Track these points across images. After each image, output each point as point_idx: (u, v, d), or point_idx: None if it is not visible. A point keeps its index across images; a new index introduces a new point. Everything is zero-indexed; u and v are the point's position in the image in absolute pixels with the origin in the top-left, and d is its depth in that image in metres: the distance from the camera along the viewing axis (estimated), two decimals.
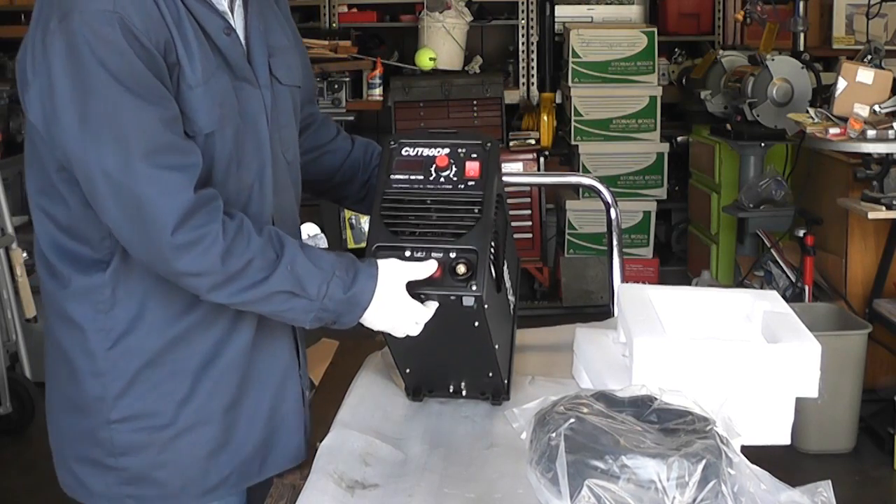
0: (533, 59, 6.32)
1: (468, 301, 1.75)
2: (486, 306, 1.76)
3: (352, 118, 5.72)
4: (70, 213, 1.68)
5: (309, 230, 6.23)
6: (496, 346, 1.87)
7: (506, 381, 1.99)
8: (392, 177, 1.85)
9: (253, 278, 1.62)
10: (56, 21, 1.57)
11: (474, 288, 1.74)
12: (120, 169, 1.56)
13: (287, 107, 1.84)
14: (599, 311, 5.33)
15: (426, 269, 1.74)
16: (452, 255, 1.76)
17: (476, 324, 1.79)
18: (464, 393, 2.02)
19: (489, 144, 1.87)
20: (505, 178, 2.30)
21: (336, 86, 5.76)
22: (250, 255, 1.62)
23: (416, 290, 1.74)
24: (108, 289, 1.69)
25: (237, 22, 1.75)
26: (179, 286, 1.65)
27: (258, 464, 1.82)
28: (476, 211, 1.79)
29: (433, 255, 1.76)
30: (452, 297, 1.75)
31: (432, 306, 1.76)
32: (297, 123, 1.89)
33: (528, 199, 5.79)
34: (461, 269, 1.75)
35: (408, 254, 1.76)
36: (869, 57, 4.18)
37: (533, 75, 6.32)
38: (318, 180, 2.09)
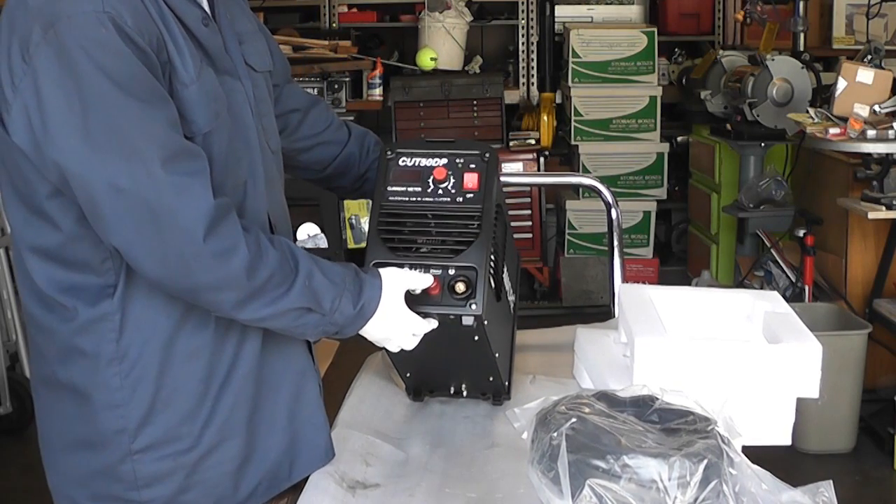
0: (533, 59, 6.32)
1: (468, 320, 1.74)
2: (485, 322, 1.75)
3: (352, 118, 5.71)
4: (61, 237, 1.58)
5: (309, 230, 6.25)
6: (496, 355, 1.87)
7: (506, 383, 1.99)
8: (389, 188, 1.82)
9: (274, 293, 1.57)
10: (40, 31, 1.46)
11: (474, 307, 1.73)
12: (135, 181, 1.47)
13: (264, 94, 1.78)
14: (599, 311, 5.33)
15: (424, 280, 1.73)
16: (451, 271, 1.75)
17: (476, 338, 1.79)
18: (465, 393, 2.02)
19: (487, 154, 1.84)
20: (505, 178, 2.30)
21: (336, 86, 5.76)
22: (271, 269, 1.56)
23: (416, 308, 1.73)
24: (118, 315, 1.60)
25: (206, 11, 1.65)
26: (198, 303, 1.58)
27: (287, 467, 1.75)
28: (475, 225, 1.77)
29: (431, 271, 1.74)
30: (452, 317, 1.74)
31: (431, 323, 1.74)
32: (272, 109, 1.82)
33: (528, 199, 5.79)
34: (460, 287, 1.73)
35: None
36: (869, 57, 4.17)
37: (533, 75, 6.32)
38: (309, 169, 2.05)
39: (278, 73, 1.91)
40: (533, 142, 5.87)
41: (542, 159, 5.86)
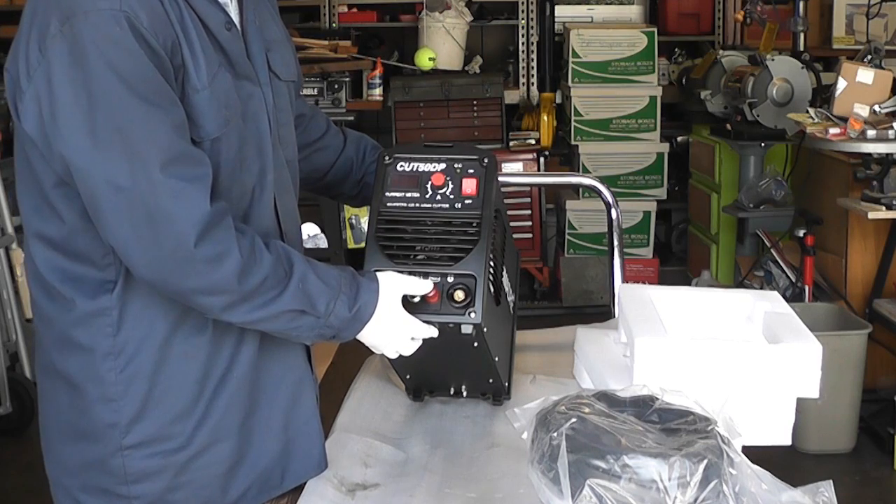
0: (533, 59, 6.31)
1: (466, 328, 1.74)
2: (485, 329, 1.75)
3: (352, 118, 5.72)
4: (65, 228, 1.60)
5: (309, 230, 6.24)
6: (496, 359, 1.86)
7: (506, 383, 1.99)
8: (387, 194, 1.82)
9: (266, 297, 1.57)
10: (57, 24, 1.49)
11: (472, 315, 1.72)
12: (134, 182, 1.48)
13: (285, 104, 1.78)
14: (599, 311, 5.33)
15: (423, 286, 1.72)
16: (450, 279, 1.74)
17: (475, 344, 1.78)
18: (465, 394, 2.02)
19: (486, 160, 1.83)
20: (504, 178, 2.29)
21: (336, 86, 5.76)
22: (264, 273, 1.57)
23: (414, 316, 1.72)
24: (116, 310, 1.61)
25: (233, 15, 1.67)
26: (189, 305, 1.59)
27: (279, 474, 1.75)
28: (474, 232, 1.77)
29: (430, 279, 1.73)
30: (451, 325, 1.74)
31: (431, 329, 1.74)
32: (292, 119, 1.83)
33: (528, 199, 5.78)
34: (459, 295, 1.73)
35: None
36: (869, 57, 4.17)
37: (533, 75, 6.32)
38: (309, 178, 2.04)
39: (296, 83, 1.90)
40: (533, 142, 5.87)
41: (542, 159, 5.86)
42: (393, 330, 1.72)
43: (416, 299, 1.73)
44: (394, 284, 1.71)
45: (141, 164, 1.49)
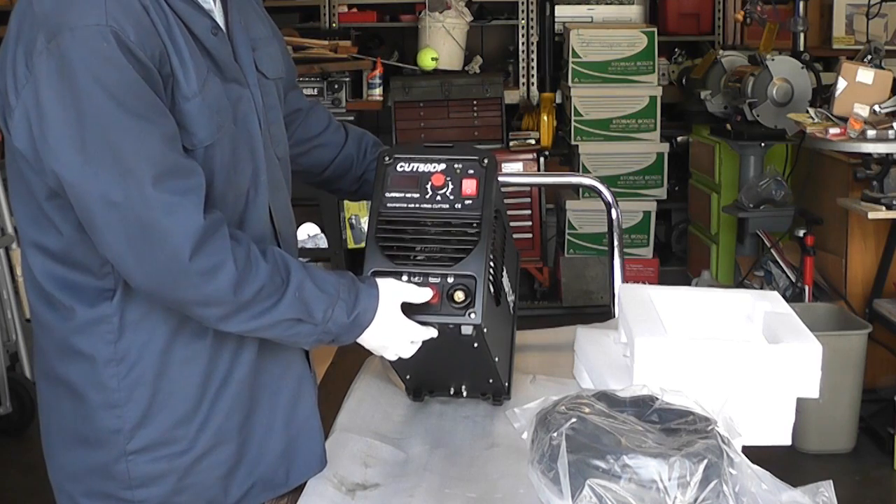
0: (533, 59, 6.31)
1: (466, 329, 1.74)
2: (485, 330, 1.75)
3: (352, 118, 5.71)
4: (63, 240, 1.59)
5: (309, 230, 6.24)
6: (496, 359, 1.86)
7: (506, 384, 1.99)
8: (387, 195, 1.81)
9: (262, 306, 1.58)
10: (43, 41, 1.47)
11: (472, 316, 1.72)
12: (127, 197, 1.48)
13: (274, 102, 1.77)
14: (599, 311, 5.33)
15: (422, 294, 1.72)
16: (450, 279, 1.74)
17: (475, 345, 1.78)
18: (464, 394, 2.02)
19: (486, 160, 1.83)
20: (504, 179, 2.29)
21: (336, 86, 5.76)
22: (260, 283, 1.57)
23: (414, 317, 1.73)
24: (116, 318, 1.61)
25: (218, 18, 1.66)
26: (187, 314, 1.59)
27: (284, 472, 1.75)
28: (474, 233, 1.77)
29: (430, 280, 1.74)
30: (451, 326, 1.74)
31: (430, 331, 1.74)
32: (282, 115, 1.82)
33: (528, 199, 5.78)
34: (459, 296, 1.73)
35: (405, 278, 1.74)
36: (869, 57, 4.17)
37: (533, 75, 6.32)
38: (308, 173, 2.04)
39: (286, 78, 1.90)
40: (533, 142, 5.87)
41: (542, 159, 5.86)
42: (392, 334, 1.72)
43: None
44: (393, 291, 1.71)
45: (133, 179, 1.48)
